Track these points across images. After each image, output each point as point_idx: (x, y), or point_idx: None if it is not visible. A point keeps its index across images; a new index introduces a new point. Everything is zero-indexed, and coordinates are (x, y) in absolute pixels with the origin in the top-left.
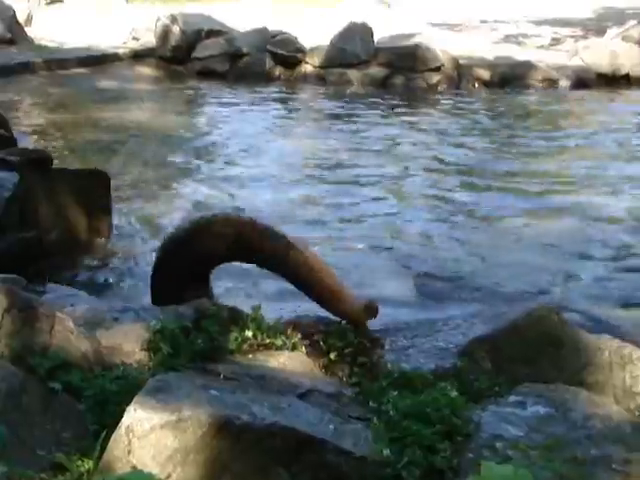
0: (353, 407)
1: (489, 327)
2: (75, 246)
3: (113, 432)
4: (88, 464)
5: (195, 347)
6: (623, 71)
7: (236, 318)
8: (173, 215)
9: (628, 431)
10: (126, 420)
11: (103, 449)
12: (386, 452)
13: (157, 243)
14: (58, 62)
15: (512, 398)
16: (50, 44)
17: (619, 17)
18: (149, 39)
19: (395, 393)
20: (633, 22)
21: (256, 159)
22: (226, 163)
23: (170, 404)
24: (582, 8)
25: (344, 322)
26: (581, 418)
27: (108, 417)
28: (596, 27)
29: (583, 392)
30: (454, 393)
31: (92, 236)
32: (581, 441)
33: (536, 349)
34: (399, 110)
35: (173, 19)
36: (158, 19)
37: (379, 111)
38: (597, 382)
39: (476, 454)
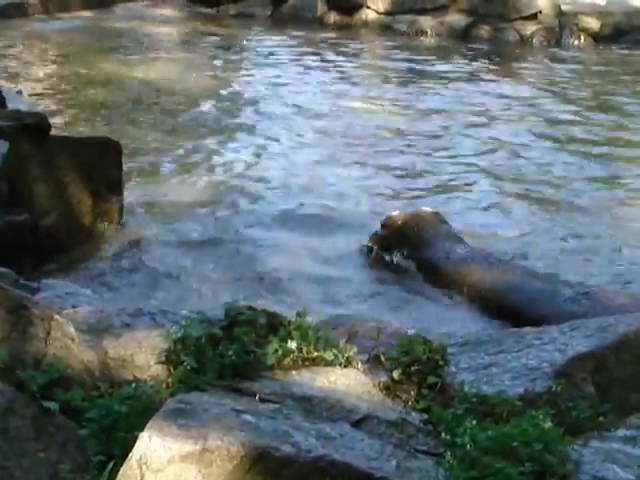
0: (420, 438)
1: (592, 342)
2: (77, 233)
3: (122, 464)
4: None
5: (225, 361)
6: None
7: (276, 325)
8: (195, 196)
9: None
10: (138, 450)
11: None
12: None
13: (176, 229)
14: (58, 2)
15: (621, 432)
16: None
17: None
18: None
19: (473, 422)
20: None
21: (298, 126)
22: (261, 134)
23: (193, 431)
24: None
25: (412, 332)
26: None
27: (116, 446)
28: None
29: None
30: (548, 424)
31: (98, 221)
32: None
33: None
34: (482, 70)
35: None
36: None
37: (457, 71)
38: None
39: None
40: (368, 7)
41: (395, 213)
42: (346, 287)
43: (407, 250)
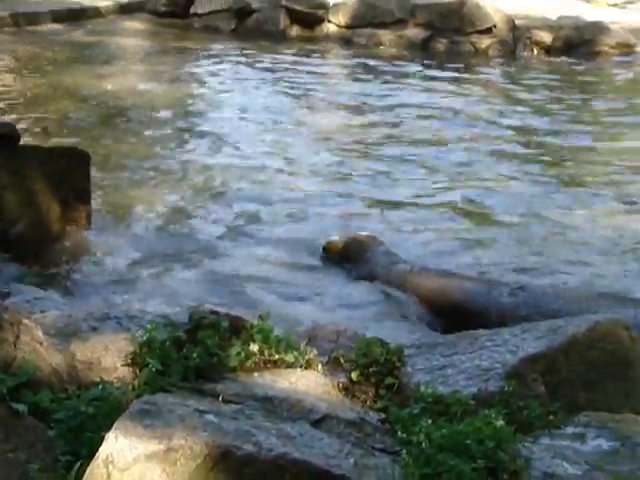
0: (378, 437)
1: (543, 343)
2: (46, 240)
3: (89, 464)
4: None
5: (189, 363)
6: None
7: (239, 329)
8: (162, 202)
9: None
10: (105, 449)
11: None
12: None
13: (143, 235)
14: (28, 16)
15: (570, 429)
16: None
17: None
18: None
19: (428, 421)
20: None
21: (260, 135)
22: (224, 141)
23: (158, 431)
24: None
25: (369, 335)
26: None
27: (83, 446)
28: None
29: None
30: (500, 422)
31: (67, 228)
32: None
33: (600, 371)
34: (438, 80)
35: None
36: None
37: (416, 82)
38: None
39: None
40: (329, 21)
41: (334, 238)
42: (302, 294)
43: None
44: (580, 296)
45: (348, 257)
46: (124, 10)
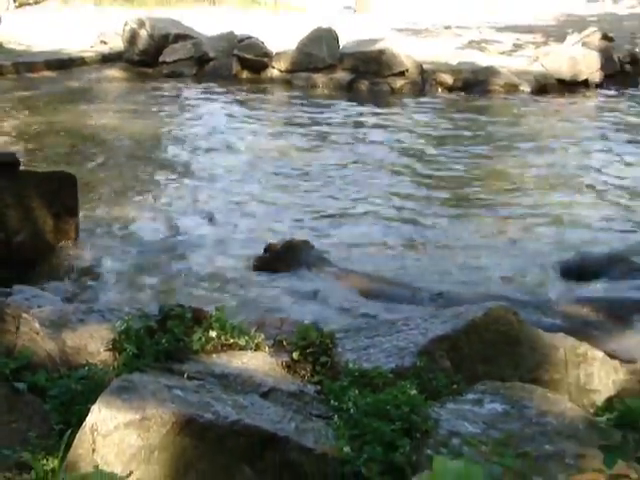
0: (315, 405)
1: (448, 327)
2: (42, 248)
3: (78, 431)
4: (53, 463)
5: (160, 347)
6: (582, 77)
7: (200, 318)
8: (138, 217)
9: (582, 427)
10: (90, 419)
11: (68, 448)
12: (346, 449)
13: (121, 244)
14: (26, 65)
15: (470, 396)
16: (18, 47)
17: (579, 24)
18: (117, 43)
19: (356, 392)
20: (592, 29)
21: (219, 161)
22: (191, 166)
23: (134, 403)
24: (543, 15)
25: (307, 322)
26: (536, 415)
27: (73, 416)
28: (556, 33)
29: (538, 389)
30: (413, 391)
31: (59, 238)
32: (535, 437)
33: (493, 348)
34: (362, 114)
35: (141, 23)
36: (126, 23)
37: (343, 115)
38: (552, 379)
39: (434, 450)
40: (273, 67)
41: (273, 241)
42: (251, 290)
43: (285, 268)
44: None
45: (286, 257)
46: (105, 59)
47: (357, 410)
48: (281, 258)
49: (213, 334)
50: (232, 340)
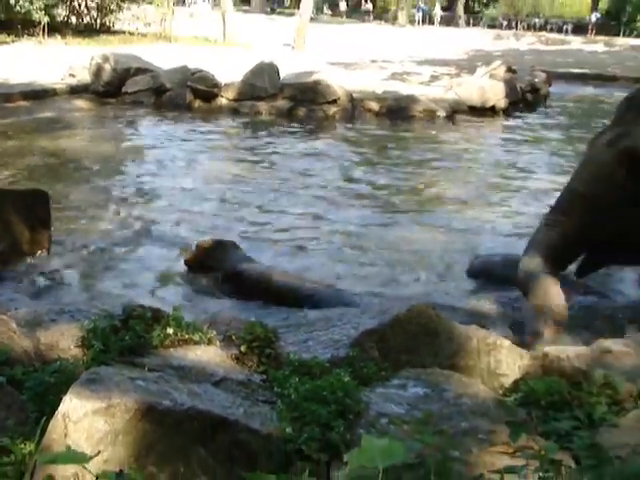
0: (260, 392)
1: (376, 321)
2: (20, 256)
3: (51, 418)
4: (30, 447)
5: (123, 343)
6: (490, 103)
7: (159, 317)
8: (104, 229)
9: (492, 406)
10: (62, 408)
11: (43, 433)
12: (289, 430)
13: (89, 252)
14: (4, 95)
15: (395, 381)
16: None
17: (487, 58)
18: (84, 76)
19: (296, 379)
20: (498, 62)
21: (176, 179)
22: (147, 183)
23: (101, 393)
24: (456, 50)
25: (252, 319)
26: (453, 396)
27: (47, 406)
28: (468, 66)
29: (455, 374)
30: (347, 378)
31: (34, 247)
32: (453, 416)
33: (416, 339)
34: (299, 137)
35: (105, 58)
36: (92, 58)
37: (282, 138)
38: (467, 366)
39: (365, 429)
40: (222, 96)
41: (203, 240)
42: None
43: (213, 266)
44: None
45: (214, 256)
46: (74, 91)
47: (298, 395)
48: (209, 255)
49: (170, 331)
50: (187, 336)
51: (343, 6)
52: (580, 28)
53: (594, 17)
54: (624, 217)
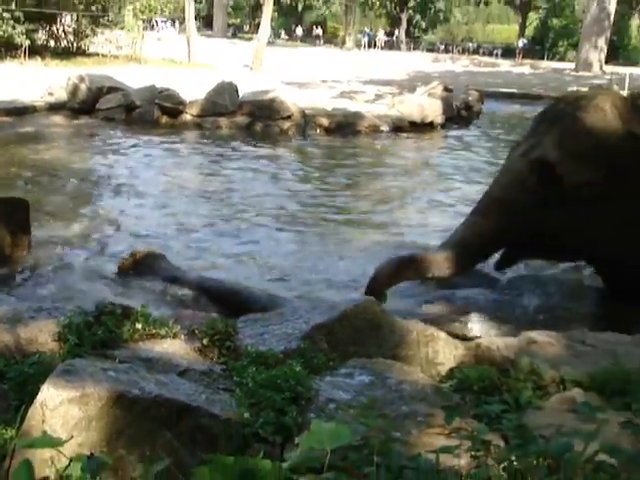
0: (221, 381)
1: (326, 316)
2: (1, 259)
3: (30, 406)
4: (11, 432)
5: (96, 338)
6: (428, 119)
7: (129, 314)
8: (76, 234)
9: (430, 392)
10: (40, 396)
11: (22, 420)
12: (246, 415)
13: (65, 254)
14: None
15: (343, 370)
16: None
17: (426, 79)
18: (62, 94)
19: (253, 369)
20: (436, 83)
21: (144, 188)
22: (122, 193)
23: (76, 383)
24: (398, 72)
25: (214, 315)
26: (395, 383)
27: (27, 395)
28: (409, 86)
29: (397, 364)
30: (299, 368)
31: (15, 251)
32: (395, 401)
33: (361, 332)
34: (256, 150)
35: (81, 78)
36: (69, 78)
37: (242, 151)
38: (407, 356)
39: (315, 414)
40: (186, 112)
41: (136, 250)
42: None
43: (145, 274)
44: None
45: (146, 263)
46: (52, 107)
47: (255, 384)
48: (141, 263)
49: (139, 326)
50: (154, 330)
51: (299, 31)
52: (509, 52)
53: (521, 43)
54: (536, 218)
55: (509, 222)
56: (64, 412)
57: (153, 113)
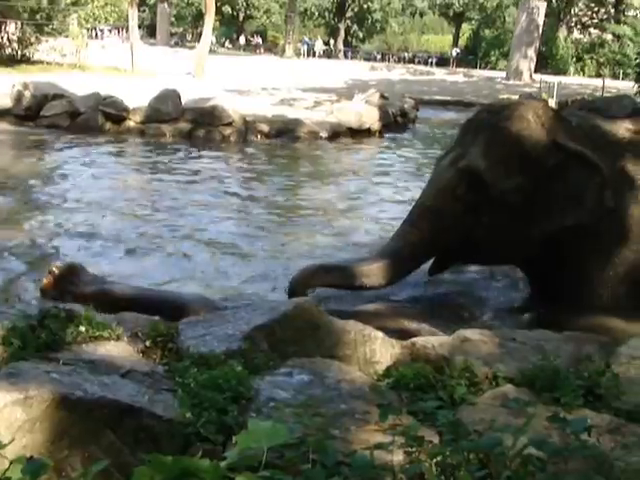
0: (163, 382)
1: (266, 317)
2: None
3: None
4: None
5: (40, 341)
6: (366, 126)
7: (72, 317)
8: (20, 238)
9: (367, 390)
10: None
11: None
12: (188, 415)
13: (11, 255)
14: None
15: (283, 370)
16: None
17: (363, 86)
18: (6, 101)
19: (195, 370)
20: (373, 90)
21: (87, 192)
22: (65, 197)
23: (19, 385)
24: (336, 79)
25: (156, 318)
26: (333, 382)
27: None
28: (347, 93)
29: (335, 363)
30: (239, 368)
31: None
32: (333, 399)
33: (301, 333)
34: (198, 155)
35: (25, 85)
36: (14, 85)
37: (183, 156)
38: (345, 355)
39: (256, 413)
40: (130, 119)
41: (56, 264)
42: None
43: (67, 288)
44: None
45: (67, 279)
46: None
47: (196, 384)
48: (62, 280)
49: (82, 329)
50: (98, 333)
51: (242, 40)
52: (443, 61)
53: (455, 52)
54: (466, 225)
55: (441, 230)
56: (8, 415)
57: (97, 120)
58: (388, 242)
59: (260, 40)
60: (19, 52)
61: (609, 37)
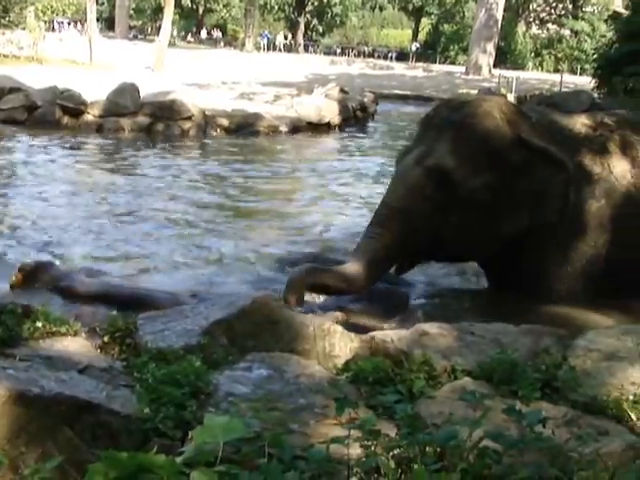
0: (122, 377)
1: (225, 312)
2: None
3: None
4: None
5: None
6: (325, 120)
7: (29, 312)
8: None
9: (326, 384)
10: None
11: None
12: (147, 410)
13: None
14: None
15: (242, 364)
16: None
17: (323, 80)
18: None
19: (153, 365)
20: (333, 84)
21: (45, 186)
22: (23, 192)
23: None
24: (296, 74)
25: (115, 313)
26: (292, 377)
27: None
28: (306, 87)
29: (294, 357)
30: (198, 363)
31: None
32: (293, 393)
33: (260, 327)
34: (157, 150)
35: None
36: None
37: (142, 151)
38: (304, 349)
39: (215, 408)
40: (88, 113)
41: (26, 262)
42: None
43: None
44: None
45: (37, 276)
46: None
47: (155, 379)
48: (32, 277)
49: (39, 324)
50: (55, 328)
51: (204, 34)
52: (403, 56)
53: (414, 47)
54: (436, 223)
55: (411, 231)
56: None
57: (55, 113)
58: (360, 245)
59: (220, 34)
60: None
61: (567, 33)
